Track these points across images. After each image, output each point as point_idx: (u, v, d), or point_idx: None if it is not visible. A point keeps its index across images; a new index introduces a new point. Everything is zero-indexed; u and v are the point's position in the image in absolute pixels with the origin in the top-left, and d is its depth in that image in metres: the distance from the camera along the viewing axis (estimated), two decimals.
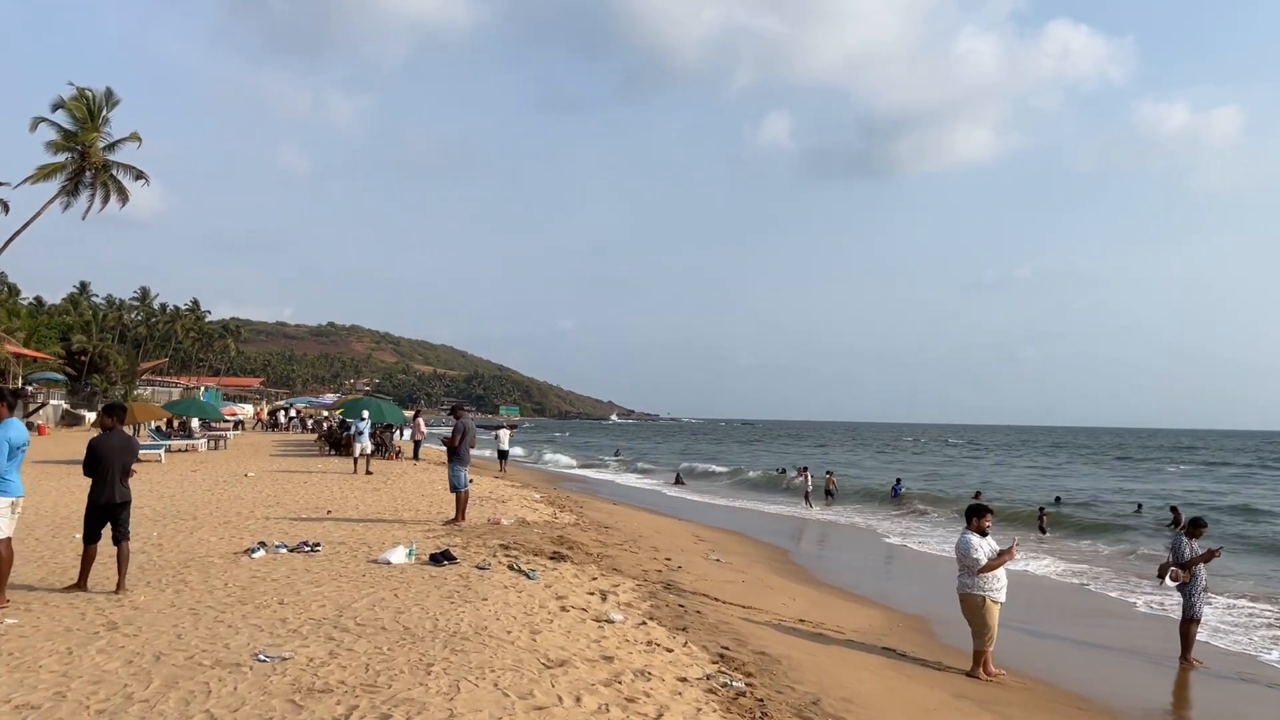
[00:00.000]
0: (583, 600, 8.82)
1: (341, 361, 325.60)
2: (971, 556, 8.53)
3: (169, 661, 6.03)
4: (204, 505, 16.12)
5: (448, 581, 9.05)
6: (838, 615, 11.45)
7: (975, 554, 8.52)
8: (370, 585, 8.73)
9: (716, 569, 13.74)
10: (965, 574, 8.64)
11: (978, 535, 8.68)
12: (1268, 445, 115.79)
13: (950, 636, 10.65)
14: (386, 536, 12.31)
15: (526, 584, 9.22)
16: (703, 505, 29.61)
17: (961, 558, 8.67)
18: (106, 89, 49.17)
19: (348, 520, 14.16)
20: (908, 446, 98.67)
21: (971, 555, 8.53)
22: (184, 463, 27.33)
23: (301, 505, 16.35)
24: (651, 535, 17.17)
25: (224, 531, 12.76)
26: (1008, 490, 38.74)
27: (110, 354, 79.20)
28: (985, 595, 8.48)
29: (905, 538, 22.05)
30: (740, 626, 9.19)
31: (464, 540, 12.07)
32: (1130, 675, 10.38)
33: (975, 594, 8.53)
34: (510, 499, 19.26)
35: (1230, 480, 49.27)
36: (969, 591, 8.58)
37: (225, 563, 10.06)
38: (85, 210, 49.25)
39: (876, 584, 15.24)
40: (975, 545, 8.56)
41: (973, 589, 8.55)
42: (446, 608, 7.80)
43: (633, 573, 11.42)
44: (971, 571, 8.54)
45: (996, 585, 8.52)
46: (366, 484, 20.81)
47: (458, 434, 14.02)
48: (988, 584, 8.51)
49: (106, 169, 48.91)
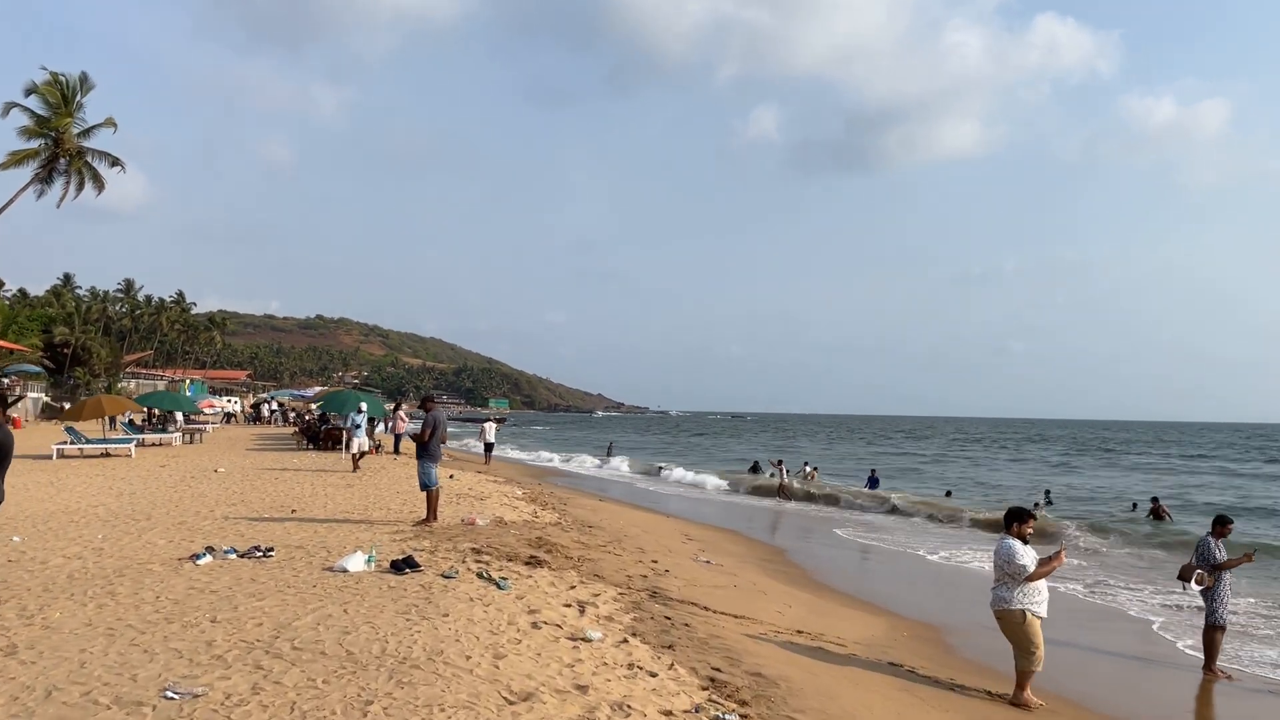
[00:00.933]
0: (558, 614, 7.91)
1: (330, 354, 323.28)
2: (1016, 564, 7.44)
3: (60, 699, 5.10)
4: (163, 504, 15.17)
5: (407, 593, 8.13)
6: (837, 623, 10.58)
7: (1020, 560, 7.44)
8: (319, 598, 7.80)
9: (706, 572, 12.85)
10: (1004, 585, 7.56)
11: (1020, 541, 7.63)
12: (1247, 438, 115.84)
13: (965, 649, 9.83)
14: (350, 539, 11.38)
15: (496, 595, 8.30)
16: (692, 501, 28.72)
17: (1004, 565, 7.54)
18: (81, 73, 47.80)
19: (311, 520, 13.22)
20: (892, 439, 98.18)
21: (1016, 562, 7.45)
22: (155, 457, 26.32)
23: (267, 504, 15.41)
24: (638, 535, 16.27)
25: (176, 534, 11.82)
26: (990, 486, 37.99)
27: (93, 346, 77.80)
28: (1026, 609, 7.47)
29: (889, 534, 21.24)
30: (733, 640, 8.30)
31: (433, 543, 11.14)
32: (1153, 687, 9.58)
33: (1014, 609, 7.49)
34: (490, 496, 18.34)
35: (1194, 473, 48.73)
36: (1006, 607, 7.54)
37: (165, 571, 9.11)
38: (60, 198, 48.00)
39: (872, 585, 14.41)
40: (1019, 551, 7.50)
41: (1011, 603, 7.50)
42: (401, 626, 6.88)
43: (616, 579, 10.52)
44: (1015, 582, 7.47)
45: (1038, 598, 7.52)
46: (340, 480, 19.85)
47: (427, 428, 13.06)
48: (1028, 596, 7.49)
49: (81, 155, 47.59)
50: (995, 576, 7.67)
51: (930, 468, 50.06)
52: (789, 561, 16.18)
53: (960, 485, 36.64)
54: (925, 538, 20.79)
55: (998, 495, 32.72)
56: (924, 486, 35.58)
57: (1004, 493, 34.02)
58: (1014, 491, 34.58)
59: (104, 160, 48.46)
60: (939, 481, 38.29)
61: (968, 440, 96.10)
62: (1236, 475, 47.33)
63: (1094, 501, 31.36)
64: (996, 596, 7.62)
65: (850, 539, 20.58)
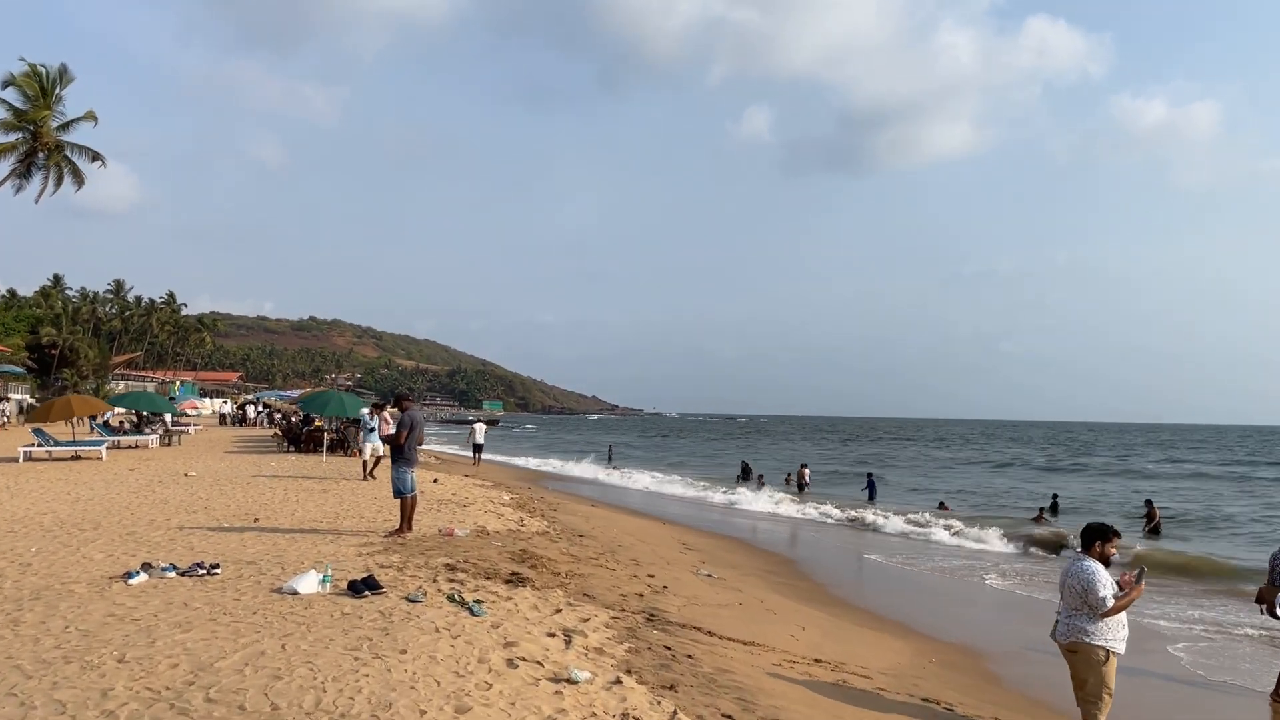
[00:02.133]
0: (539, 647, 6.71)
1: (323, 356, 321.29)
2: (1098, 594, 6.14)
3: None
4: (118, 511, 13.96)
5: (362, 622, 6.93)
6: (857, 649, 9.41)
7: (1103, 591, 6.15)
8: (256, 629, 6.61)
9: (708, 587, 11.66)
10: (1081, 615, 6.27)
11: (1102, 565, 6.35)
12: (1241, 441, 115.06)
13: (1009, 679, 8.65)
14: (310, 553, 10.18)
15: (467, 624, 7.10)
16: (689, 505, 27.52)
17: (1083, 593, 6.22)
18: (61, 65, 46.46)
19: (273, 531, 12.01)
20: (881, 440, 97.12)
21: (1098, 592, 6.15)
22: (128, 460, 25.06)
23: (231, 511, 14.20)
24: (632, 544, 15.08)
25: (120, 546, 10.62)
26: (984, 493, 36.86)
27: (81, 347, 76.46)
28: (1107, 647, 6.19)
29: (895, 542, 20.07)
30: (744, 675, 7.12)
31: (403, 558, 9.94)
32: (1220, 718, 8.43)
33: (1095, 644, 6.19)
34: (474, 502, 17.12)
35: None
36: (1086, 641, 6.22)
37: (89, 592, 7.91)
38: (39, 193, 46.64)
39: (888, 600, 13.18)
40: (1103, 580, 6.19)
41: (1092, 637, 6.20)
42: (346, 668, 5.68)
43: (608, 598, 9.33)
44: (1094, 613, 6.21)
45: (1120, 633, 6.26)
46: (315, 485, 18.62)
47: (403, 429, 11.85)
48: (1112, 631, 6.22)
49: (60, 149, 46.23)
50: (1068, 603, 6.34)
51: (929, 471, 49.00)
52: (797, 573, 15.00)
53: (960, 492, 35.50)
54: (932, 547, 19.61)
55: (997, 502, 31.55)
56: (915, 492, 34.47)
57: (1000, 499, 32.86)
58: (1008, 498, 33.47)
59: (84, 155, 47.12)
60: (929, 485, 37.23)
61: (962, 442, 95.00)
62: (1247, 480, 46.28)
63: (1100, 504, 30.25)
64: (1072, 626, 6.29)
65: (855, 546, 19.41)
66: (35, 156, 45.94)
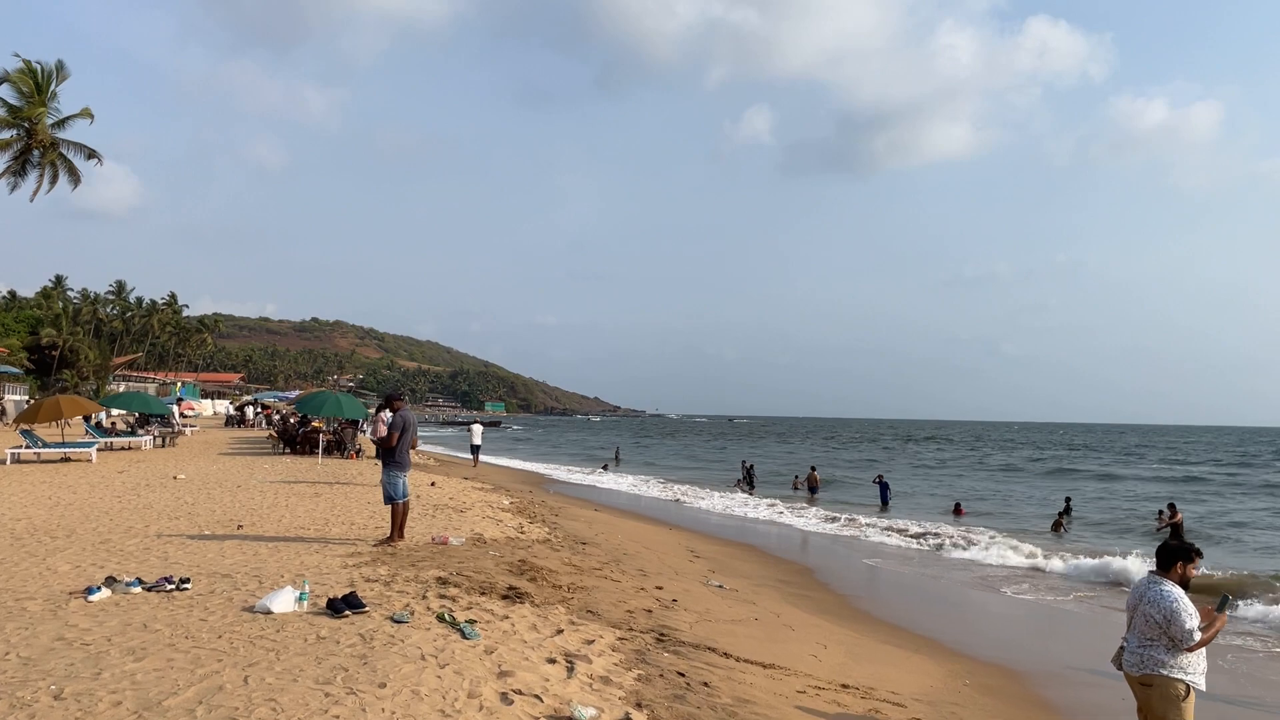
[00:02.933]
0: (538, 676, 5.96)
1: (325, 357, 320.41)
2: (1183, 626, 5.30)
3: None
4: (96, 516, 13.25)
5: (340, 647, 6.18)
6: (885, 670, 8.65)
7: (1189, 623, 5.31)
8: (219, 657, 5.86)
9: (720, 600, 10.91)
10: (1157, 645, 5.44)
11: (1183, 589, 5.51)
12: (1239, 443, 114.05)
13: (1059, 706, 7.88)
14: (294, 564, 9.45)
15: (458, 649, 6.35)
16: (694, 509, 26.74)
17: (1164, 624, 5.37)
18: (57, 61, 45.80)
19: (257, 539, 11.27)
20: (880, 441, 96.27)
21: (1183, 624, 5.28)
22: (118, 462, 24.35)
23: (216, 517, 13.47)
24: (638, 552, 14.33)
25: (91, 556, 9.90)
26: (995, 492, 36.07)
27: (81, 348, 75.80)
28: (1188, 681, 5.37)
29: (908, 547, 19.28)
30: (767, 705, 6.37)
31: (391, 570, 9.19)
32: None
33: (1175, 678, 5.37)
34: (472, 507, 16.36)
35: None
36: (1164, 674, 5.39)
37: (43, 610, 7.18)
38: (34, 191, 45.93)
39: (909, 613, 12.33)
40: (1188, 609, 5.35)
41: (1172, 670, 5.37)
42: (315, 707, 4.93)
43: (614, 615, 8.57)
44: (1175, 645, 5.38)
45: (1201, 665, 5.46)
46: (308, 490, 17.89)
47: (395, 431, 11.10)
48: (1193, 665, 5.40)
49: (55, 147, 45.52)
50: (1143, 632, 5.52)
51: (933, 473, 48.19)
52: (812, 583, 14.22)
53: (969, 495, 34.69)
54: (949, 555, 18.82)
55: (1007, 506, 30.72)
56: (922, 495, 33.71)
57: (1009, 502, 32.05)
58: (1016, 501, 32.69)
59: (80, 153, 46.44)
60: (936, 489, 36.46)
61: (964, 444, 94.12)
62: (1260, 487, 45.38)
63: (1116, 508, 29.44)
64: (1147, 657, 5.46)
65: (871, 556, 18.63)
66: (30, 154, 45.24)
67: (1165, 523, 23.58)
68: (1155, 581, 5.55)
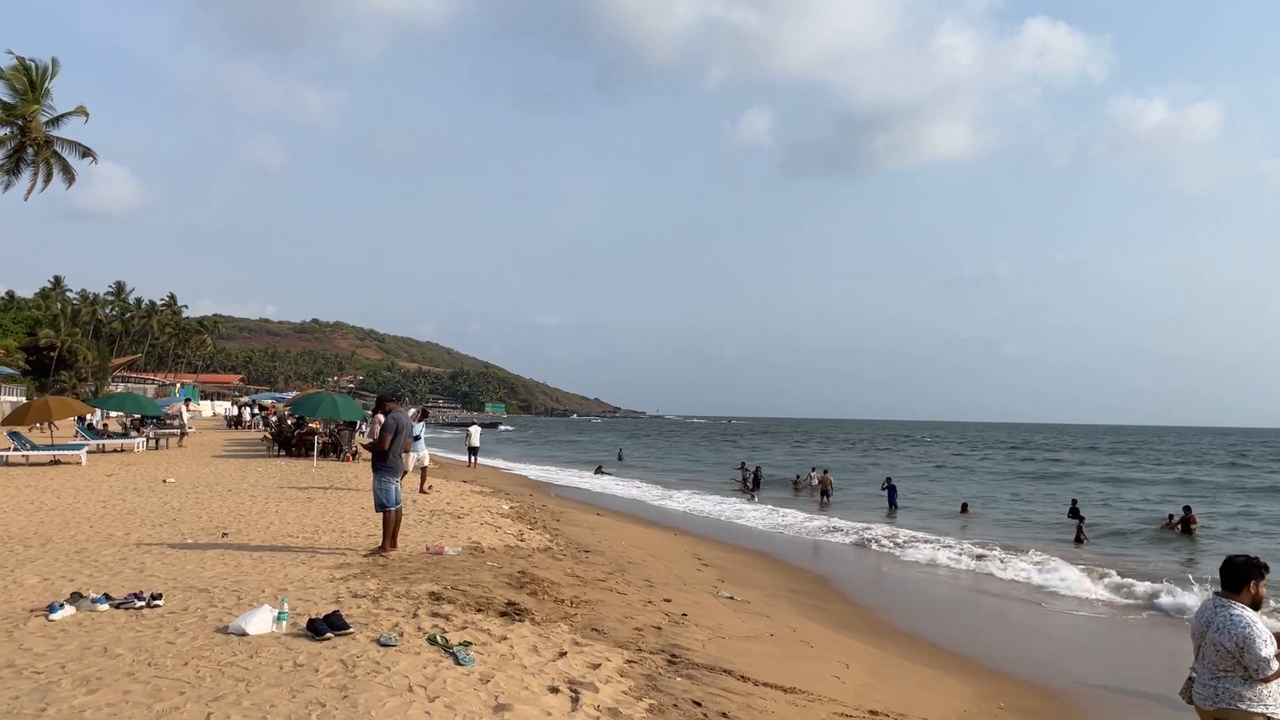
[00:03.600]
0: (539, 710, 5.34)
1: (325, 358, 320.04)
2: (1258, 654, 4.74)
3: None
4: (77, 523, 12.64)
5: (318, 676, 5.56)
6: (912, 691, 8.03)
7: (1265, 650, 4.75)
8: (182, 689, 5.23)
9: (732, 614, 10.28)
10: (1231, 677, 4.86)
11: (1255, 613, 4.92)
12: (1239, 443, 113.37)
13: None
14: (277, 576, 8.82)
15: (450, 676, 5.73)
16: (697, 513, 26.08)
17: (1238, 652, 4.81)
18: (51, 59, 45.27)
19: (241, 548, 10.64)
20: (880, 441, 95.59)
21: (1258, 652, 4.75)
22: (108, 465, 23.73)
23: (201, 523, 12.85)
24: (643, 559, 13.70)
25: (62, 567, 9.28)
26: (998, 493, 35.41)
27: (80, 349, 75.18)
28: (1270, 715, 4.81)
29: (921, 552, 18.62)
30: None
31: (381, 583, 8.56)
32: None
33: (1255, 713, 4.80)
34: (470, 512, 15.73)
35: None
36: (1241, 709, 4.82)
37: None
38: (28, 190, 45.34)
39: (933, 627, 11.72)
40: (1264, 636, 4.80)
41: (1251, 704, 4.81)
42: None
43: (621, 633, 7.94)
44: (1251, 676, 4.80)
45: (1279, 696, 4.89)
46: (300, 495, 17.26)
47: (387, 434, 10.47)
48: (1273, 696, 4.83)
49: (49, 145, 44.96)
50: (1215, 663, 4.93)
51: (935, 473, 47.55)
52: (827, 594, 13.58)
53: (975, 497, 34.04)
54: (969, 565, 18.18)
55: (1012, 507, 30.10)
56: (927, 496, 33.10)
57: (1014, 504, 31.42)
58: (1021, 502, 32.04)
59: (74, 151, 45.88)
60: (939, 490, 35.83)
61: (964, 444, 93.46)
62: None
63: (1121, 511, 28.79)
64: (1222, 691, 4.88)
65: (885, 563, 17.99)
66: (24, 152, 44.67)
67: (1175, 524, 22.98)
68: (1224, 605, 4.93)
